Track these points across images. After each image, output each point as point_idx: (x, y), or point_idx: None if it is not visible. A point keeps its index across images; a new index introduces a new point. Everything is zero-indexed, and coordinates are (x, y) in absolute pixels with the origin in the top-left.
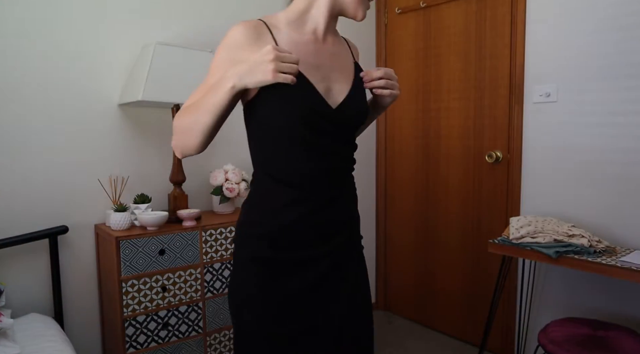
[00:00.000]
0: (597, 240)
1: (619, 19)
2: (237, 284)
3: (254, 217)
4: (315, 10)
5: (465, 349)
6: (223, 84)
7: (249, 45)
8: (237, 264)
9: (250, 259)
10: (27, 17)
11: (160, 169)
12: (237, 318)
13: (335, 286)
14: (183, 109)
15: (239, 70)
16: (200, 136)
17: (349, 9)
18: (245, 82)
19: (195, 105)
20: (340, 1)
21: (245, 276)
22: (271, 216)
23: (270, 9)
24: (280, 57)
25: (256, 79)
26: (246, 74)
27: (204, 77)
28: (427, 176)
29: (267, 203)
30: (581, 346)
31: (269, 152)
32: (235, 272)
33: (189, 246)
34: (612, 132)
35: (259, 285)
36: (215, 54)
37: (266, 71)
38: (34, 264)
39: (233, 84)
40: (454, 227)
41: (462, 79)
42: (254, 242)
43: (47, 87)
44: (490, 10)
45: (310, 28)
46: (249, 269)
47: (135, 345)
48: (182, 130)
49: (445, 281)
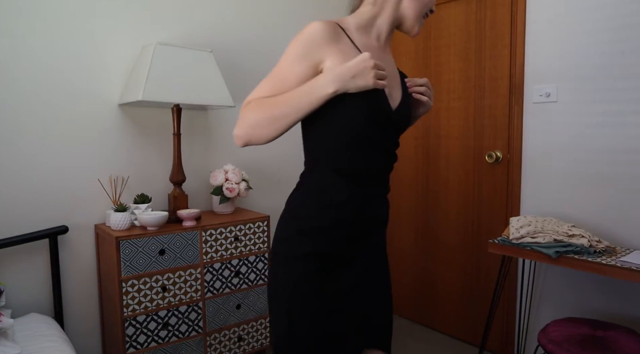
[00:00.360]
0: (597, 240)
1: (618, 18)
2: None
3: (312, 212)
4: (381, 20)
5: (465, 349)
6: (322, 88)
7: (327, 43)
8: (288, 262)
9: (307, 254)
10: (27, 17)
11: (160, 169)
12: (287, 316)
13: (373, 284)
14: (258, 102)
15: (339, 76)
16: (281, 130)
17: (407, 24)
18: (348, 87)
19: (278, 102)
20: (402, 15)
21: (299, 273)
22: (331, 210)
23: (270, 9)
24: (376, 65)
25: (359, 85)
26: (349, 79)
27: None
28: (427, 176)
29: (328, 197)
30: (581, 346)
31: (337, 148)
32: (285, 270)
33: (189, 246)
34: (612, 132)
35: (315, 282)
36: (289, 47)
37: (368, 78)
38: (34, 264)
39: (335, 89)
40: (454, 227)
41: (462, 79)
42: (313, 237)
43: (47, 87)
44: (490, 10)
45: (375, 35)
46: (304, 266)
47: (135, 345)
48: (256, 123)
49: (445, 281)
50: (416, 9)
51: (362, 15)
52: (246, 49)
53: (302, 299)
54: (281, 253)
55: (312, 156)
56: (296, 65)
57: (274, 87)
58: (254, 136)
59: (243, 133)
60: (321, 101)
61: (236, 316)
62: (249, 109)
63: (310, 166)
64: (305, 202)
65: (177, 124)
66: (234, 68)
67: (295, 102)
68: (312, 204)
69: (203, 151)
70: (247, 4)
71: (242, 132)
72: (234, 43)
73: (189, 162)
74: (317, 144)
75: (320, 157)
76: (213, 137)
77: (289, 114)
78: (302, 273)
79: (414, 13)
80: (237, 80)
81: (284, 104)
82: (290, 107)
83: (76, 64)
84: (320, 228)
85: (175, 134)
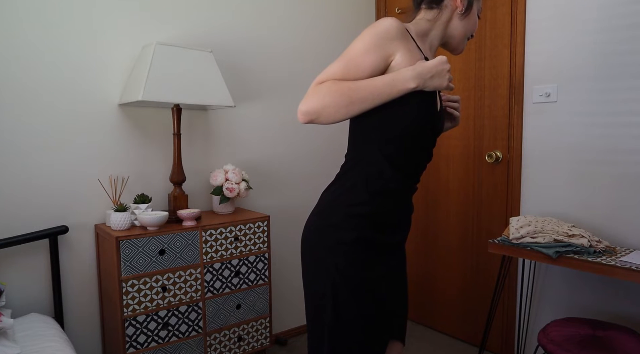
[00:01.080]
0: (597, 240)
1: (618, 18)
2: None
3: (362, 198)
4: (433, 34)
5: (465, 349)
6: (404, 82)
7: (399, 39)
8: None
9: (355, 239)
10: (26, 17)
11: (160, 169)
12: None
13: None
14: (334, 84)
15: (421, 74)
16: (352, 114)
17: (453, 42)
18: (427, 85)
19: (358, 86)
20: (450, 34)
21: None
22: (381, 197)
23: (269, 9)
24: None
25: (436, 84)
26: (430, 79)
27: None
28: (427, 176)
29: (380, 184)
30: (581, 346)
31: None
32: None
33: (189, 246)
34: (612, 132)
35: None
36: (363, 36)
37: (444, 79)
38: (34, 264)
39: (417, 85)
40: (454, 227)
41: (462, 79)
42: (360, 222)
43: (47, 87)
44: (490, 10)
45: (428, 45)
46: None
47: (135, 345)
48: (330, 102)
49: (445, 281)
50: (462, 30)
51: (419, 25)
52: (246, 49)
53: (348, 284)
54: (329, 238)
55: (365, 144)
56: (371, 54)
57: (348, 72)
58: (323, 115)
59: (313, 110)
60: (401, 93)
61: (236, 316)
62: (325, 87)
63: (360, 154)
64: (356, 187)
65: (177, 124)
66: (234, 68)
67: (376, 90)
68: (363, 190)
69: (203, 151)
70: (247, 4)
71: (313, 109)
72: (234, 43)
73: (189, 162)
74: (373, 133)
75: (374, 146)
76: (213, 137)
77: (366, 100)
78: (349, 258)
79: (459, 33)
80: (237, 80)
81: (364, 89)
82: (370, 93)
83: (76, 64)
84: (369, 214)
85: (175, 134)
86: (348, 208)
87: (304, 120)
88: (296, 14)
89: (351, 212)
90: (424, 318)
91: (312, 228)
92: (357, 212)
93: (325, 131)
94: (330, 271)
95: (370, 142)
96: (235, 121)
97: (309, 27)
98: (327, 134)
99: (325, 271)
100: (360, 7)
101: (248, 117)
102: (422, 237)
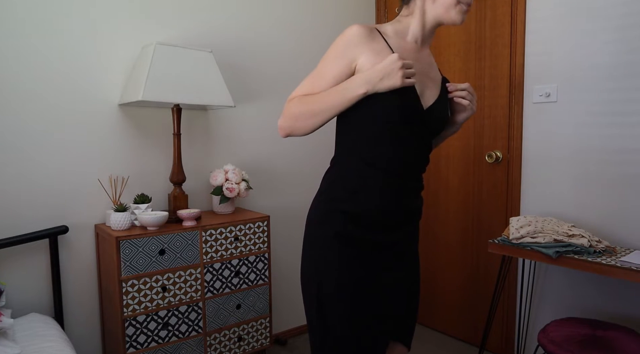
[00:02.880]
0: (597, 240)
1: (618, 18)
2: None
3: (340, 194)
4: (413, 25)
5: (465, 349)
6: (353, 90)
7: (362, 43)
8: (317, 242)
9: (334, 235)
10: (27, 17)
11: (160, 169)
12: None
13: (404, 275)
14: (300, 98)
15: (369, 78)
16: (318, 124)
17: (444, 19)
18: (377, 88)
19: (316, 99)
20: (432, 17)
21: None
22: (358, 195)
23: (269, 9)
24: (405, 64)
25: (387, 85)
26: (378, 81)
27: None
28: (427, 176)
29: (355, 183)
30: (581, 346)
31: (367, 139)
32: (314, 250)
33: (189, 246)
34: (612, 132)
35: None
36: (329, 48)
37: (396, 78)
38: (34, 264)
39: (366, 90)
40: (454, 227)
41: (462, 79)
42: (339, 218)
43: (47, 87)
44: (490, 10)
45: (412, 38)
46: (333, 246)
47: (135, 345)
48: (296, 116)
49: (445, 281)
50: (442, 6)
51: (399, 22)
52: (246, 49)
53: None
54: (312, 234)
55: (343, 145)
56: (334, 64)
57: (314, 85)
58: (296, 128)
59: (287, 125)
60: (353, 101)
61: (236, 316)
62: (293, 103)
63: (340, 153)
64: (335, 184)
65: (177, 124)
66: (234, 68)
67: (330, 100)
68: (340, 187)
69: (203, 151)
70: (247, 4)
71: (286, 125)
72: (234, 43)
73: (189, 162)
74: (348, 135)
75: (350, 147)
76: (213, 137)
77: (326, 110)
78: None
79: (442, 11)
80: (237, 80)
81: (322, 101)
82: (326, 104)
83: (76, 64)
84: (348, 211)
85: (175, 134)
86: (328, 204)
87: (282, 135)
88: (296, 14)
89: (330, 208)
90: (424, 318)
91: (306, 224)
92: (335, 208)
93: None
94: (314, 265)
95: (347, 143)
96: (235, 121)
97: (309, 27)
98: (327, 134)
99: (309, 264)
100: (360, 7)
101: (248, 117)
102: (422, 237)
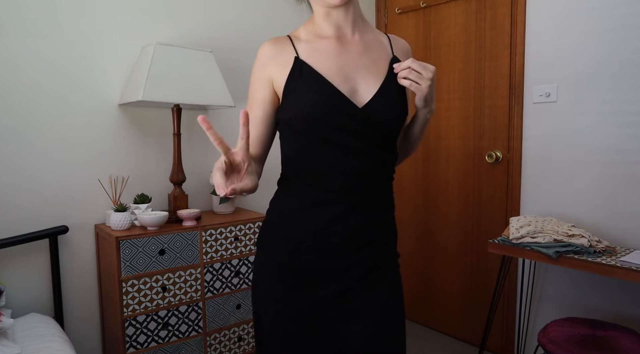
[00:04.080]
0: (597, 240)
1: (619, 18)
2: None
3: (274, 217)
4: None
5: (465, 349)
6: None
7: (270, 61)
8: (258, 267)
9: (271, 262)
10: (27, 17)
11: (160, 169)
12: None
13: (360, 302)
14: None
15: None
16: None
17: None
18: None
19: None
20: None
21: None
22: (294, 216)
23: (269, 9)
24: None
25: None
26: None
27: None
28: (427, 176)
29: (291, 203)
30: (581, 345)
31: (296, 152)
32: (255, 276)
33: (189, 246)
34: (612, 132)
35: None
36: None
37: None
38: (34, 264)
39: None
40: (454, 227)
41: (462, 79)
42: (275, 245)
43: (47, 87)
44: (490, 10)
45: (327, 32)
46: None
47: (135, 345)
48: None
49: (445, 281)
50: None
51: (310, 20)
52: (246, 49)
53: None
54: (255, 259)
55: (282, 162)
56: (256, 87)
57: (250, 108)
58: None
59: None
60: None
61: (236, 316)
62: None
63: (282, 171)
64: (273, 209)
65: (177, 124)
66: (234, 68)
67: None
68: (277, 212)
69: (203, 151)
70: (247, 4)
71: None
72: (234, 43)
73: (189, 162)
74: (282, 149)
75: (283, 163)
76: None
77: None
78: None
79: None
80: (237, 80)
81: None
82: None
83: (76, 64)
84: (281, 236)
85: (175, 134)
86: (266, 228)
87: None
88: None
89: (269, 233)
90: (424, 317)
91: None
92: (272, 232)
93: None
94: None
95: (282, 155)
96: (235, 121)
97: None
98: None
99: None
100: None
101: None
102: (422, 237)
